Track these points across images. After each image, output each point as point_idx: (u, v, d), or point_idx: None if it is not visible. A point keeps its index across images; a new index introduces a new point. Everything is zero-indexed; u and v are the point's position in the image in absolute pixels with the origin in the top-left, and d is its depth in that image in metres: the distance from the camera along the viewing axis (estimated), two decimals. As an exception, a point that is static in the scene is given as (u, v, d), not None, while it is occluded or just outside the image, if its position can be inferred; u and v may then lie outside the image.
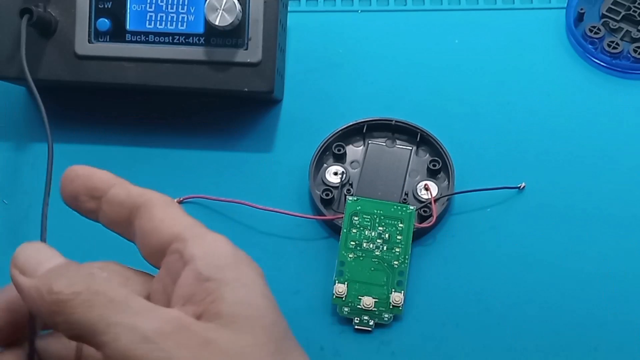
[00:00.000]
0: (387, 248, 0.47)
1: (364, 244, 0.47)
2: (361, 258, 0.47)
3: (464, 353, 0.45)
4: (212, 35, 0.49)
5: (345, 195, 0.49)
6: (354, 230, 0.47)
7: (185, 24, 0.49)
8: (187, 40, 0.49)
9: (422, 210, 0.49)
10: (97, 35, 0.49)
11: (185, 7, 0.49)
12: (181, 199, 0.50)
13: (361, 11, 0.57)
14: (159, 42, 0.49)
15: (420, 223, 0.48)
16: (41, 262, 0.29)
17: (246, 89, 0.49)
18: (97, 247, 0.49)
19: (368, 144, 0.51)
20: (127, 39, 0.49)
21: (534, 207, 0.49)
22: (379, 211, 0.48)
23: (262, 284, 0.30)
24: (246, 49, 0.49)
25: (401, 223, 0.47)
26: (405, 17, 0.57)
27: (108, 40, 0.49)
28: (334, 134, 0.51)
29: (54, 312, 0.27)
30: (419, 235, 0.48)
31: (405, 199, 0.49)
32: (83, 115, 0.54)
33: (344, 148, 0.51)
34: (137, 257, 0.49)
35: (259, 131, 0.53)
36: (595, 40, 0.54)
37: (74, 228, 0.50)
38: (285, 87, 0.54)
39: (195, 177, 0.51)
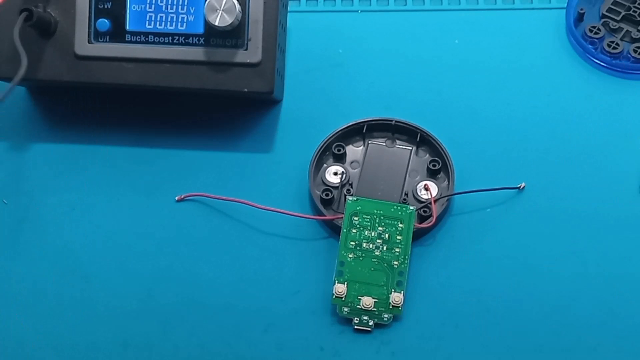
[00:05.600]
0: (386, 248, 0.47)
1: (364, 244, 0.47)
2: (361, 258, 0.47)
3: (464, 353, 0.45)
4: (212, 35, 0.49)
5: (345, 196, 0.49)
6: (354, 231, 0.47)
7: (185, 24, 0.49)
8: (186, 40, 0.49)
9: (422, 210, 0.49)
10: (96, 35, 0.49)
11: (185, 7, 0.49)
12: (182, 196, 0.50)
13: (361, 11, 0.57)
14: (159, 43, 0.49)
15: (420, 223, 0.48)
16: None
17: (246, 90, 0.49)
18: (97, 246, 0.50)
19: (368, 144, 0.51)
20: (126, 40, 0.49)
21: (534, 207, 0.49)
22: (378, 211, 0.48)
23: None
24: (246, 50, 0.49)
25: (401, 223, 0.47)
26: (405, 17, 0.57)
27: (108, 40, 0.49)
28: (334, 134, 0.51)
29: None
30: (418, 235, 0.48)
31: (405, 199, 0.49)
32: (83, 115, 0.54)
33: (344, 148, 0.51)
34: (137, 256, 0.50)
35: (259, 131, 0.53)
36: (595, 40, 0.54)
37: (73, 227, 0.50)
38: (285, 87, 0.54)
39: (195, 177, 0.51)
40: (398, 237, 0.47)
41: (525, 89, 0.54)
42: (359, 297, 0.46)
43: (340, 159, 0.51)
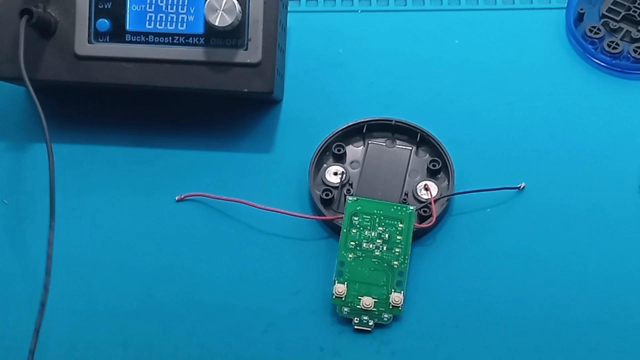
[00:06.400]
0: (386, 248, 0.47)
1: (364, 244, 0.47)
2: (361, 258, 0.47)
3: (464, 353, 0.45)
4: (212, 35, 0.49)
5: (345, 195, 0.49)
6: (354, 231, 0.47)
7: (185, 24, 0.49)
8: (187, 40, 0.49)
9: (422, 210, 0.49)
10: (96, 35, 0.49)
11: (185, 7, 0.49)
12: (182, 196, 0.50)
13: (361, 11, 0.57)
14: (159, 43, 0.49)
15: (420, 223, 0.48)
16: None
17: (246, 90, 0.49)
18: (97, 246, 0.50)
19: (368, 144, 0.51)
20: (126, 40, 0.49)
21: (534, 207, 0.49)
22: (378, 211, 0.48)
23: None
24: (246, 50, 0.49)
25: (401, 223, 0.47)
26: (405, 17, 0.57)
27: (108, 40, 0.49)
28: (334, 134, 0.51)
29: None
30: (418, 235, 0.48)
31: (405, 199, 0.49)
32: (83, 115, 0.54)
33: (344, 148, 0.51)
34: (137, 256, 0.50)
35: (259, 131, 0.53)
36: (595, 40, 0.54)
37: (76, 226, 0.50)
38: (285, 87, 0.54)
39: (195, 177, 0.51)
40: (398, 237, 0.47)
41: (525, 89, 0.54)
42: (359, 297, 0.46)
43: (340, 159, 0.51)
